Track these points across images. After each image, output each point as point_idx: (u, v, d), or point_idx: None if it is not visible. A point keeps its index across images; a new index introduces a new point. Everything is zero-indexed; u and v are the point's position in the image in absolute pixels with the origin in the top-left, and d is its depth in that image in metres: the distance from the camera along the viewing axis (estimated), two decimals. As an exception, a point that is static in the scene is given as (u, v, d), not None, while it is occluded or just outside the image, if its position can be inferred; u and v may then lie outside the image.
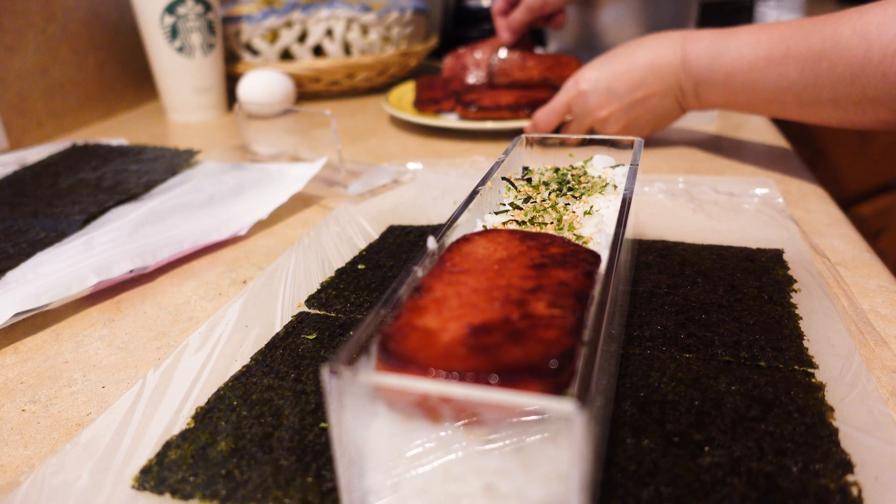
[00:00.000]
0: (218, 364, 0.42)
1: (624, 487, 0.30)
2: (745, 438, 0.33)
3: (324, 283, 0.51)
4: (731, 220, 0.58)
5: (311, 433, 0.35)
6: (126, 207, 0.65)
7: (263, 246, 0.61)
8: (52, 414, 0.40)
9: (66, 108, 1.01)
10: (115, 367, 0.44)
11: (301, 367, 0.41)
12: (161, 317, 0.50)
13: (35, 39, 0.95)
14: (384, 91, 1.13)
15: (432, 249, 0.35)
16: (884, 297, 0.46)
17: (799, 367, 0.38)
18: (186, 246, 0.58)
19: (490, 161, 0.76)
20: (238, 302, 0.50)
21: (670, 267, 0.50)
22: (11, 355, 0.46)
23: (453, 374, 0.25)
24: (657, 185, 0.66)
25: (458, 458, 0.26)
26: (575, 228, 0.40)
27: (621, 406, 0.35)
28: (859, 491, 0.30)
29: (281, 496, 0.31)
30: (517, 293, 0.30)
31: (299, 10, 1.06)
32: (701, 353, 0.39)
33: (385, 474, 0.27)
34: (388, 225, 0.61)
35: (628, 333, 0.42)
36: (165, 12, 0.96)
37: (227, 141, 0.92)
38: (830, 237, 0.55)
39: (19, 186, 0.73)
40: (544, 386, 0.25)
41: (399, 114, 0.92)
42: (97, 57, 1.06)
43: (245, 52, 1.09)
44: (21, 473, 0.35)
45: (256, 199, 0.66)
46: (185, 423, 0.37)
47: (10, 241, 0.59)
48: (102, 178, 0.73)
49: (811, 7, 1.77)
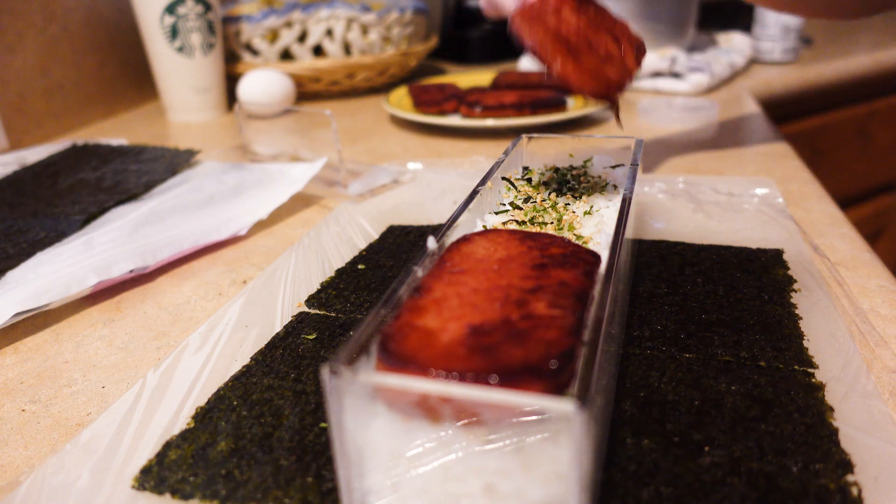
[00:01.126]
0: (218, 364, 0.43)
1: (624, 487, 0.30)
2: (745, 438, 0.33)
3: (324, 283, 0.51)
4: (731, 220, 0.58)
5: (311, 433, 0.35)
6: (126, 207, 0.65)
7: (263, 246, 0.61)
8: (52, 414, 0.40)
9: (66, 108, 1.01)
10: (115, 367, 0.44)
11: (301, 367, 0.41)
12: (161, 317, 0.50)
13: (35, 39, 0.95)
14: (384, 91, 1.13)
15: (432, 249, 0.35)
16: (884, 297, 0.46)
17: (799, 367, 0.38)
18: (186, 246, 0.58)
19: (490, 161, 0.76)
20: (238, 302, 0.50)
21: (670, 267, 0.50)
22: (11, 355, 0.46)
23: (453, 374, 0.25)
24: (657, 185, 0.66)
25: (458, 458, 0.26)
26: (575, 228, 0.40)
27: (621, 406, 0.35)
28: (859, 491, 0.30)
29: (281, 496, 0.31)
30: (517, 293, 0.30)
31: (299, 10, 1.06)
32: (701, 353, 0.39)
33: (385, 474, 0.27)
34: (388, 225, 0.61)
35: (628, 333, 0.42)
36: (165, 12, 0.96)
37: (227, 141, 0.92)
38: (830, 237, 0.55)
39: (19, 186, 0.73)
40: (544, 386, 0.25)
41: (399, 113, 0.92)
42: (97, 57, 1.06)
43: (245, 52, 1.09)
44: (21, 473, 0.35)
45: (256, 199, 0.66)
46: (185, 423, 0.37)
47: (10, 241, 0.59)
48: (102, 178, 0.73)
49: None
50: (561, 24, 0.43)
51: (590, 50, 0.43)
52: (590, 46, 0.43)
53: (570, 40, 0.42)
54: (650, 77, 1.05)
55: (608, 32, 0.47)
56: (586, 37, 0.44)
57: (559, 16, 0.44)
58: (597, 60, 0.42)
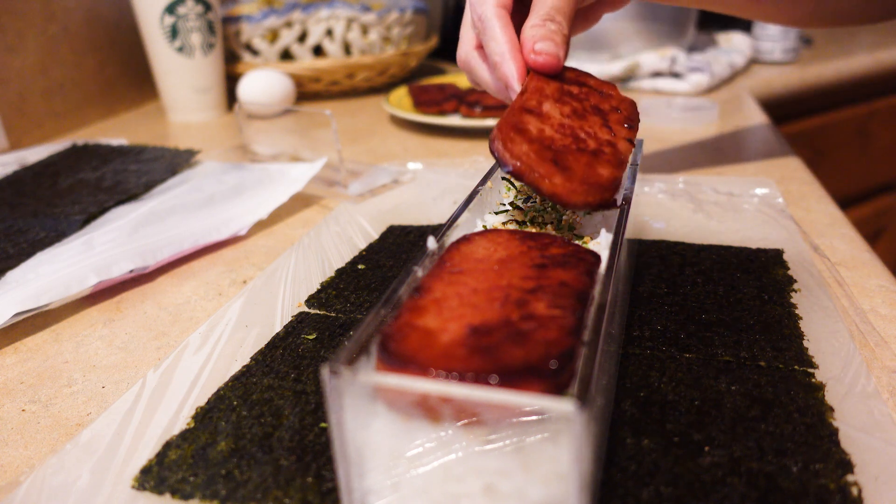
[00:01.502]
0: (218, 364, 0.42)
1: (624, 487, 0.30)
2: (745, 438, 0.33)
3: (324, 283, 0.51)
4: (731, 220, 0.58)
5: (311, 433, 0.35)
6: (126, 207, 0.65)
7: (263, 246, 0.61)
8: (52, 414, 0.40)
9: (66, 108, 1.01)
10: (115, 367, 0.44)
11: (301, 367, 0.41)
12: (161, 317, 0.50)
13: (35, 39, 0.95)
14: (384, 91, 1.13)
15: (432, 249, 0.35)
16: (884, 297, 0.46)
17: (799, 367, 0.38)
18: (186, 246, 0.58)
19: (490, 161, 0.76)
20: (238, 302, 0.50)
21: (670, 267, 0.50)
22: (11, 355, 0.46)
23: (453, 374, 0.25)
24: (657, 185, 0.66)
25: (458, 458, 0.26)
26: (575, 228, 0.40)
27: (621, 406, 0.35)
28: (859, 491, 0.30)
29: (281, 496, 0.31)
30: (517, 293, 0.30)
31: (299, 10, 1.06)
32: (701, 353, 0.39)
33: (385, 474, 0.27)
34: (388, 225, 0.61)
35: (628, 333, 0.42)
36: (165, 12, 0.96)
37: (227, 141, 0.92)
38: (830, 237, 0.55)
39: (19, 186, 0.73)
40: (544, 386, 0.25)
41: (400, 113, 0.92)
42: (97, 57, 1.06)
43: (245, 52, 1.09)
44: (21, 473, 0.35)
45: (256, 199, 0.66)
46: (185, 423, 0.37)
47: (10, 241, 0.59)
48: (102, 178, 0.73)
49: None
50: (545, 125, 0.39)
51: (578, 150, 0.38)
52: (577, 142, 0.39)
53: (555, 144, 0.38)
54: (650, 77, 1.05)
55: (595, 111, 0.43)
56: (573, 131, 0.40)
57: (541, 112, 0.41)
58: (587, 160, 0.38)
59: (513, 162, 0.37)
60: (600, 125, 0.42)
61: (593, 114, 0.43)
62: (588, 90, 0.45)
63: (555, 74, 0.45)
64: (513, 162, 0.37)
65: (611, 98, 0.45)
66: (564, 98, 0.43)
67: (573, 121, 0.41)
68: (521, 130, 0.38)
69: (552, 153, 0.37)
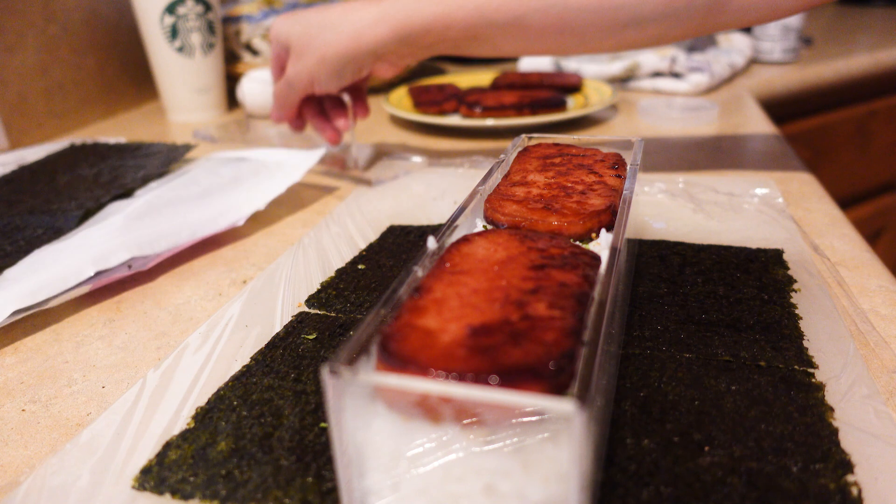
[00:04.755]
0: (218, 364, 0.42)
1: (624, 487, 0.30)
2: (745, 438, 0.33)
3: (324, 283, 0.51)
4: (731, 220, 0.58)
5: (311, 433, 0.35)
6: (123, 202, 0.65)
7: (263, 246, 0.61)
8: (52, 414, 0.40)
9: (66, 108, 1.01)
10: (115, 367, 0.44)
11: (301, 367, 0.41)
12: (161, 317, 0.50)
13: (35, 39, 0.95)
14: (384, 91, 1.13)
15: (432, 249, 0.35)
16: (884, 297, 0.46)
17: (799, 367, 0.38)
18: (184, 237, 0.58)
19: (490, 161, 0.76)
20: (238, 302, 0.50)
21: (670, 267, 0.50)
22: (11, 355, 0.46)
23: (453, 374, 0.25)
24: (657, 185, 0.66)
25: (458, 458, 0.26)
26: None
27: (621, 406, 0.35)
28: (859, 491, 0.30)
29: (281, 496, 0.31)
30: (517, 294, 0.30)
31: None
32: (701, 353, 0.40)
33: (385, 474, 0.27)
34: (388, 225, 0.61)
35: (628, 333, 0.42)
36: (165, 12, 0.96)
37: (228, 141, 0.92)
38: (830, 237, 0.55)
39: (17, 184, 0.72)
40: (544, 386, 0.25)
41: (399, 113, 0.92)
42: (97, 57, 1.06)
43: (245, 52, 1.09)
44: (21, 473, 0.35)
45: (254, 190, 0.66)
46: (185, 423, 0.37)
47: (7, 239, 0.59)
48: (99, 174, 0.72)
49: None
50: (531, 188, 0.42)
51: (567, 195, 0.41)
52: (565, 190, 0.42)
53: (544, 198, 0.41)
54: (650, 77, 1.05)
55: (578, 166, 0.45)
56: (560, 185, 0.42)
57: (526, 181, 0.43)
58: (578, 198, 0.40)
59: (507, 219, 0.39)
60: (586, 173, 0.44)
61: (577, 168, 0.46)
62: (570, 157, 0.48)
63: (537, 153, 0.49)
64: (507, 219, 0.39)
65: (595, 154, 0.48)
66: (547, 167, 0.46)
67: (558, 178, 0.44)
68: (508, 197, 0.41)
69: (543, 203, 0.40)
